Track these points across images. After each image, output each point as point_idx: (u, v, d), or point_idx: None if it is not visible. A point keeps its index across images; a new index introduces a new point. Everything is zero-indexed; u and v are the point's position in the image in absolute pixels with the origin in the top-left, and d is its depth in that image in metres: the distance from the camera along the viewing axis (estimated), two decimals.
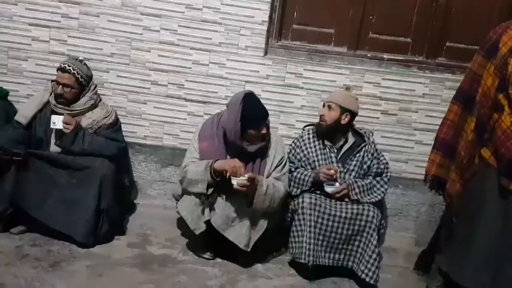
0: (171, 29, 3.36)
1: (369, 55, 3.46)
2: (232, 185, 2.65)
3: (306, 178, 2.96)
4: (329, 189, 2.86)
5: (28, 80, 3.41)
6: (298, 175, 2.99)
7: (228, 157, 2.82)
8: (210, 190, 2.74)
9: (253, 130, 2.78)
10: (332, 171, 2.88)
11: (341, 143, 3.06)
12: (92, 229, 2.83)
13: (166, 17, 3.34)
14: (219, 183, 2.73)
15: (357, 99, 3.09)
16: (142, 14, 3.33)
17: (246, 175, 2.64)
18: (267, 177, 2.85)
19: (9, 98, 3.23)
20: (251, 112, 2.77)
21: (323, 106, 3.03)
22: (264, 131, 2.81)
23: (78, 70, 3.01)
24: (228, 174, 2.68)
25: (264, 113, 2.84)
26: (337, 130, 3.02)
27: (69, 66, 3.00)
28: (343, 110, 2.97)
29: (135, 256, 2.83)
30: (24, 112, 3.03)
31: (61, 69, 3.00)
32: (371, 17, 3.42)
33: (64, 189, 2.87)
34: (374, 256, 2.75)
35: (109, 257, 2.78)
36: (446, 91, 3.35)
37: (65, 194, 2.86)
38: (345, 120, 2.98)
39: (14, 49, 3.37)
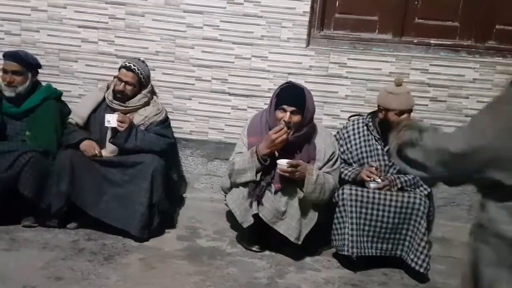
0: (213, 25, 3.39)
1: (415, 41, 3.36)
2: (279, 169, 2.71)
3: (346, 178, 2.94)
4: (371, 185, 2.81)
5: (79, 80, 3.53)
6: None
7: (276, 153, 2.80)
8: (259, 176, 2.76)
9: (279, 110, 2.78)
10: (373, 169, 2.84)
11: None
12: (146, 222, 2.91)
13: (208, 13, 3.37)
14: (268, 166, 2.76)
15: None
16: (185, 11, 3.38)
17: (286, 161, 2.68)
18: None
19: (62, 98, 3.35)
20: (281, 95, 2.80)
21: (398, 114, 2.82)
22: (293, 118, 2.76)
23: (141, 70, 3.14)
24: (277, 154, 2.73)
25: (296, 99, 2.78)
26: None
27: (134, 65, 3.12)
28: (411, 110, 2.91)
29: (184, 249, 2.89)
30: (80, 113, 3.16)
31: (126, 68, 3.12)
32: (416, 2, 3.32)
33: (118, 186, 2.96)
34: (423, 244, 2.69)
35: (160, 249, 2.86)
36: (497, 75, 3.22)
37: (119, 191, 2.95)
38: None
39: (65, 51, 3.50)
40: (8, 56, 3.08)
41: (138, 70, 3.13)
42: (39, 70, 3.23)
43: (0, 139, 3.03)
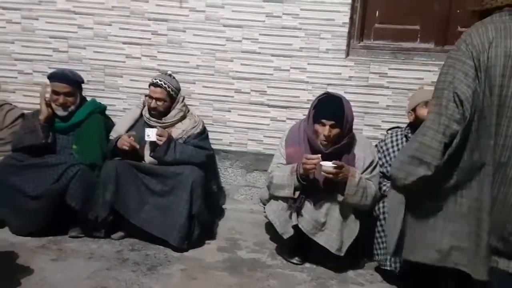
0: (252, 38, 3.43)
1: None
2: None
3: (384, 193, 2.86)
4: None
5: (124, 95, 3.65)
6: None
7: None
8: (297, 193, 2.75)
9: (318, 124, 2.75)
10: None
11: None
12: (185, 233, 2.95)
13: (247, 27, 3.42)
14: (307, 186, 2.74)
15: None
16: (224, 26, 3.44)
17: (331, 162, 2.65)
18: None
19: (106, 112, 3.45)
20: (319, 107, 2.78)
21: (424, 105, 2.76)
22: (333, 132, 2.73)
23: (168, 84, 3.19)
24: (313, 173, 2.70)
25: (335, 111, 2.75)
26: None
27: (160, 81, 3.18)
28: None
29: (225, 260, 2.91)
30: (119, 131, 3.24)
31: (153, 84, 3.19)
32: (458, 10, 3.25)
33: (159, 196, 3.02)
34: None
35: (201, 260, 2.88)
36: None
37: (160, 201, 3.01)
38: None
39: (110, 66, 3.62)
40: (57, 78, 3.17)
41: (165, 84, 3.17)
42: (85, 85, 3.35)
43: (50, 152, 3.15)
